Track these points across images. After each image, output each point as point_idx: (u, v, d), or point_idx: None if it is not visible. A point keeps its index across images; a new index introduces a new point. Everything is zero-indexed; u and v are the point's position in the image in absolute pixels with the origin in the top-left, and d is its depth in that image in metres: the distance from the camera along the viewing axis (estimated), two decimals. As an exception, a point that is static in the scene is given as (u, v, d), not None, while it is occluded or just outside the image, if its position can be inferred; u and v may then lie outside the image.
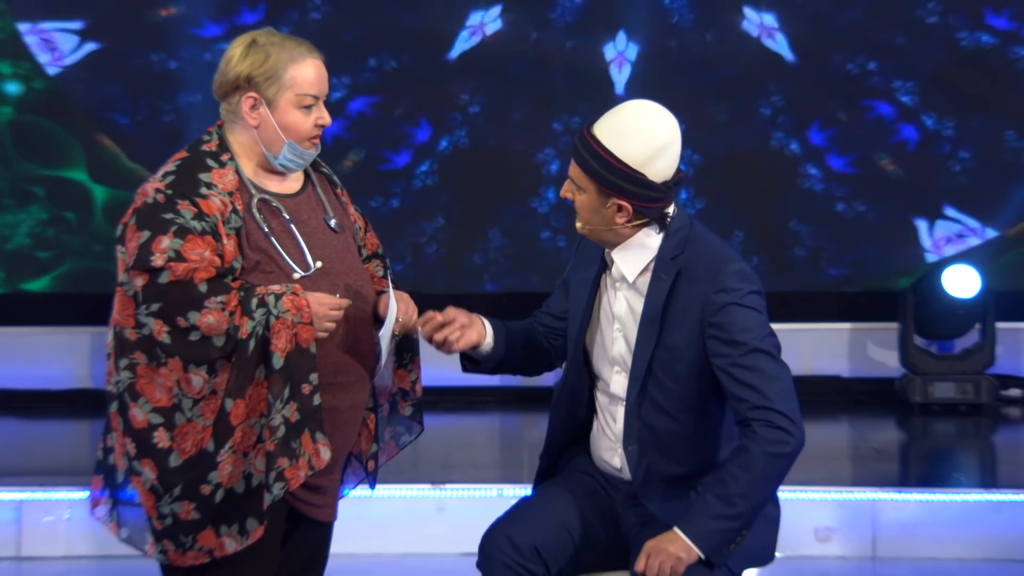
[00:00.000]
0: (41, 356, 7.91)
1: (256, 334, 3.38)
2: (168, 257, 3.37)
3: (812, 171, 8.00)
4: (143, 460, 3.40)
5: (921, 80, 7.96)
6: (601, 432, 3.70)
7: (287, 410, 3.40)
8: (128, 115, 7.92)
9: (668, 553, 3.40)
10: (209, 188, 3.47)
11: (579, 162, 3.54)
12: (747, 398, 3.45)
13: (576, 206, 3.60)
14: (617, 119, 3.53)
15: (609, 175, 3.50)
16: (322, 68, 3.57)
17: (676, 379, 3.56)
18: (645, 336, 3.56)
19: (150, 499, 3.42)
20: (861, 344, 8.04)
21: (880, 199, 8.00)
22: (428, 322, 3.61)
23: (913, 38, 7.94)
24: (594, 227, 3.59)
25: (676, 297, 3.55)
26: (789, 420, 3.43)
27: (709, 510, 3.43)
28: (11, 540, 5.75)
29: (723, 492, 3.42)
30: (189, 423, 3.39)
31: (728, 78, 7.97)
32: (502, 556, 3.53)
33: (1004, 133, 7.95)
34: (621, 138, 3.50)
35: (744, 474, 3.42)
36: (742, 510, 3.42)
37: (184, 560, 3.45)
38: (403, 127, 8.00)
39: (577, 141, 3.55)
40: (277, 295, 3.41)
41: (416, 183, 8.02)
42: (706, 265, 3.55)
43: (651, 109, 3.56)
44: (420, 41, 7.96)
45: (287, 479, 3.40)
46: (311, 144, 3.58)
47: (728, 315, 3.49)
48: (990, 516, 5.74)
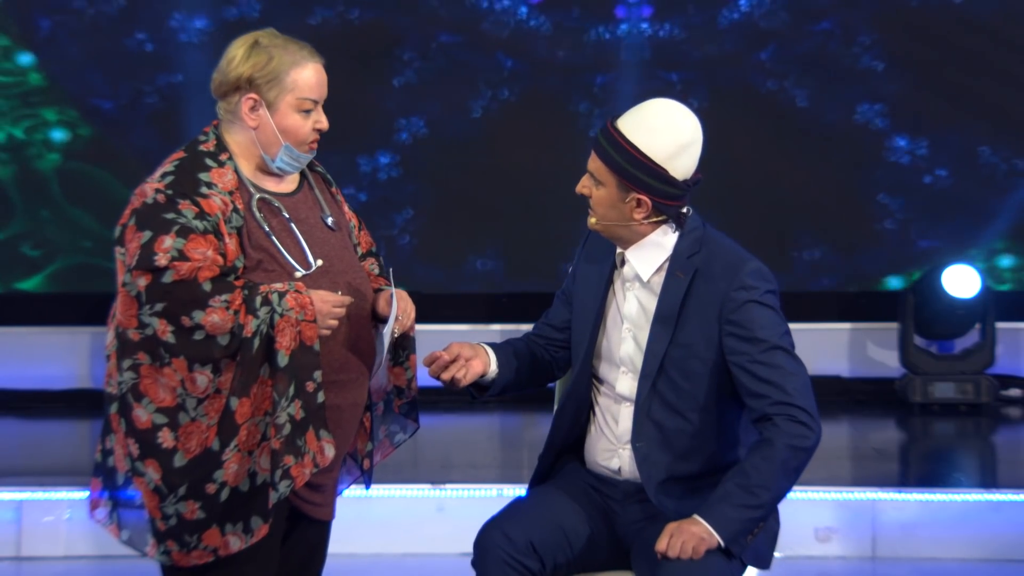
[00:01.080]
0: (40, 356, 7.91)
1: (260, 332, 3.38)
2: (171, 256, 3.36)
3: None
4: (147, 461, 3.40)
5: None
6: (599, 433, 3.71)
7: (292, 408, 3.40)
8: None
9: (691, 533, 3.42)
10: (209, 187, 3.47)
11: (601, 155, 3.56)
12: (768, 394, 3.49)
13: (592, 201, 3.61)
14: (643, 115, 3.56)
15: (632, 169, 3.53)
16: (323, 72, 3.58)
17: (689, 377, 3.57)
18: (658, 335, 3.58)
19: (154, 500, 3.41)
20: (861, 344, 8.04)
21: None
22: (434, 362, 3.63)
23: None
24: (609, 223, 3.60)
25: (693, 295, 3.57)
26: (809, 416, 3.49)
27: (730, 499, 3.45)
28: (11, 540, 5.75)
29: (745, 482, 3.45)
30: (193, 423, 3.39)
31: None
32: (498, 551, 3.54)
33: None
34: (647, 133, 3.53)
35: (766, 465, 3.46)
36: (763, 501, 3.45)
37: (188, 560, 3.45)
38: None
39: (600, 135, 3.58)
40: (281, 293, 3.41)
41: (381, 176, 8.02)
42: (724, 264, 3.58)
43: (677, 107, 3.59)
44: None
45: (293, 477, 3.41)
46: (308, 148, 3.59)
47: (747, 313, 3.53)
48: (990, 516, 5.74)
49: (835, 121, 8.00)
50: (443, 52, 7.99)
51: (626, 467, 3.67)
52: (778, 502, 3.53)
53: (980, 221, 7.99)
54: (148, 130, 7.92)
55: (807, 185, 8.02)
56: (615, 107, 7.50)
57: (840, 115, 8.00)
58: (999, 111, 7.96)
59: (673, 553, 3.41)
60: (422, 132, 8.02)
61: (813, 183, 8.03)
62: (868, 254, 8.06)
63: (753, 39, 8.00)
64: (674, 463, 3.60)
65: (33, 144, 8.03)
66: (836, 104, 8.00)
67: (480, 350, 3.71)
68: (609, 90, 7.98)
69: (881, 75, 7.97)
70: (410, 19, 7.97)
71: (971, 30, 7.91)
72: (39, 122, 8.04)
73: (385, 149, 8.01)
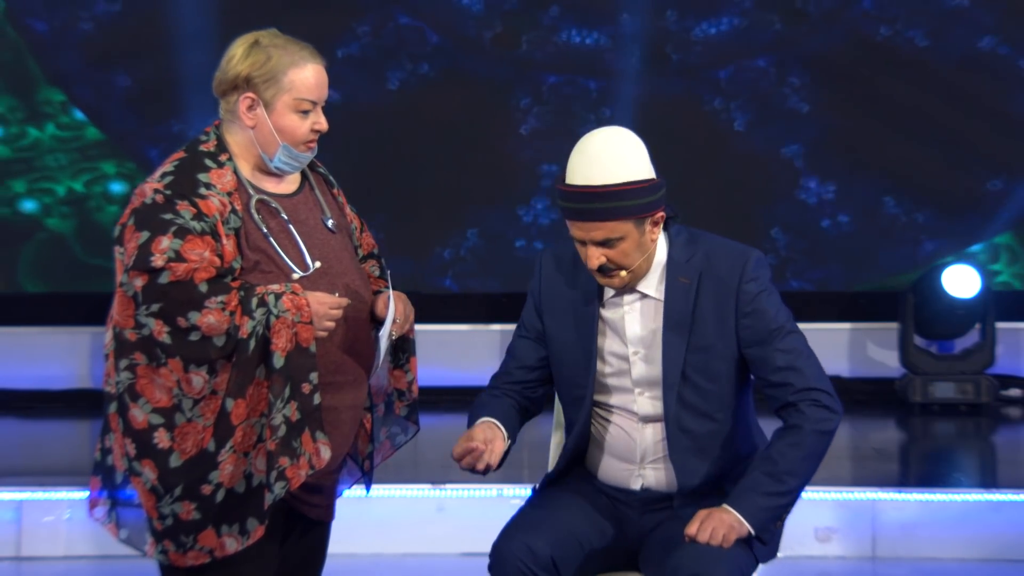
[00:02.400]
0: (41, 356, 7.91)
1: (256, 334, 3.38)
2: (168, 257, 3.36)
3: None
4: (143, 461, 3.40)
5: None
6: (609, 457, 3.66)
7: (288, 409, 3.40)
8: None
9: (723, 521, 3.40)
10: (208, 188, 3.46)
11: (605, 215, 3.43)
12: (791, 382, 3.51)
13: (615, 261, 3.49)
14: (597, 156, 3.45)
15: (642, 200, 3.45)
16: (323, 73, 3.56)
17: (713, 378, 3.55)
18: (672, 344, 3.54)
19: (150, 499, 3.41)
20: (861, 344, 8.03)
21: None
22: (466, 455, 3.49)
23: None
24: (638, 266, 3.52)
25: (703, 296, 3.54)
26: (831, 397, 3.55)
27: (759, 487, 3.45)
28: (11, 540, 5.74)
29: (772, 470, 3.45)
30: (189, 423, 3.39)
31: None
32: (518, 563, 3.48)
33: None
34: (618, 164, 3.44)
35: (794, 452, 3.47)
36: (791, 487, 3.47)
37: (184, 560, 3.45)
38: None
39: (581, 203, 3.44)
40: (277, 294, 3.41)
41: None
42: (727, 260, 3.56)
43: (606, 131, 3.51)
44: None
45: (288, 478, 3.40)
46: (307, 148, 3.58)
47: (760, 303, 3.54)
48: (990, 516, 5.74)
49: (764, 151, 8.01)
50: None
51: (652, 484, 3.63)
52: (804, 488, 3.52)
53: (862, 270, 8.01)
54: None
55: (713, 210, 7.94)
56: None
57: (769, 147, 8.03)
58: (907, 164, 7.96)
59: (703, 538, 3.38)
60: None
61: (720, 209, 7.98)
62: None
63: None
64: (710, 467, 3.58)
65: (92, 197, 8.06)
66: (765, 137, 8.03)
67: (495, 431, 3.59)
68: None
69: (804, 117, 7.98)
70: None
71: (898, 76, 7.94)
72: (98, 175, 8.06)
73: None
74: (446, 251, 8.01)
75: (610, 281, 3.53)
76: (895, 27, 7.97)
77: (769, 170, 8.05)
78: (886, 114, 7.97)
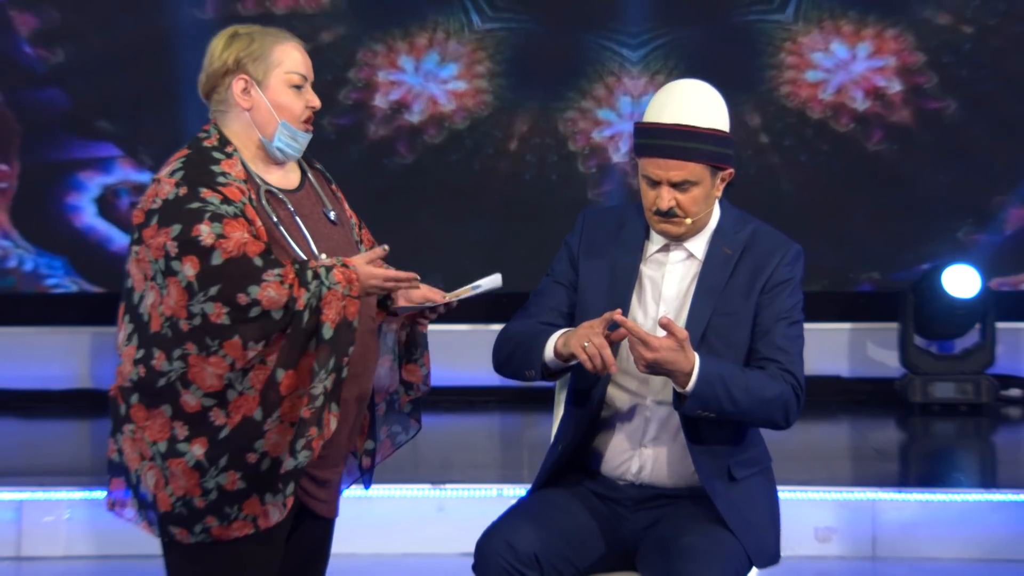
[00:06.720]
0: (40, 356, 7.91)
1: (311, 306, 3.39)
2: (216, 234, 3.36)
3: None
4: (194, 440, 3.39)
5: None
6: (615, 436, 3.67)
7: (328, 380, 3.40)
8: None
9: (676, 359, 3.41)
10: (225, 176, 3.47)
11: (685, 155, 3.52)
12: (779, 359, 3.57)
13: (684, 208, 3.57)
14: (686, 98, 3.56)
15: (722, 148, 3.54)
16: (305, 53, 3.61)
17: (731, 345, 3.59)
18: (700, 306, 3.60)
19: (193, 477, 3.40)
20: (861, 344, 8.04)
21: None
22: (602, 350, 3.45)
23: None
24: (701, 217, 3.62)
25: (740, 270, 3.62)
26: (802, 392, 3.58)
27: (727, 375, 3.47)
28: (11, 540, 5.74)
29: (742, 380, 3.49)
30: (240, 396, 3.39)
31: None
32: (499, 559, 3.50)
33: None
34: (704, 110, 3.54)
35: (764, 383, 3.51)
36: (739, 399, 3.48)
37: (229, 533, 3.44)
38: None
39: (665, 139, 3.52)
40: (328, 267, 3.43)
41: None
42: (772, 242, 3.67)
43: (694, 80, 3.61)
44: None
45: (313, 449, 3.41)
46: (304, 126, 3.59)
47: (785, 289, 3.62)
48: (990, 516, 5.74)
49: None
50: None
51: (648, 471, 3.65)
52: (742, 416, 3.52)
53: (862, 270, 8.03)
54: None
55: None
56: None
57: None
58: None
59: (647, 357, 3.38)
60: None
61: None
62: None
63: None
64: (727, 445, 3.60)
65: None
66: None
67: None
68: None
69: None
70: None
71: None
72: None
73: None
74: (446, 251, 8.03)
75: (671, 227, 3.59)
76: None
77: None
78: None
